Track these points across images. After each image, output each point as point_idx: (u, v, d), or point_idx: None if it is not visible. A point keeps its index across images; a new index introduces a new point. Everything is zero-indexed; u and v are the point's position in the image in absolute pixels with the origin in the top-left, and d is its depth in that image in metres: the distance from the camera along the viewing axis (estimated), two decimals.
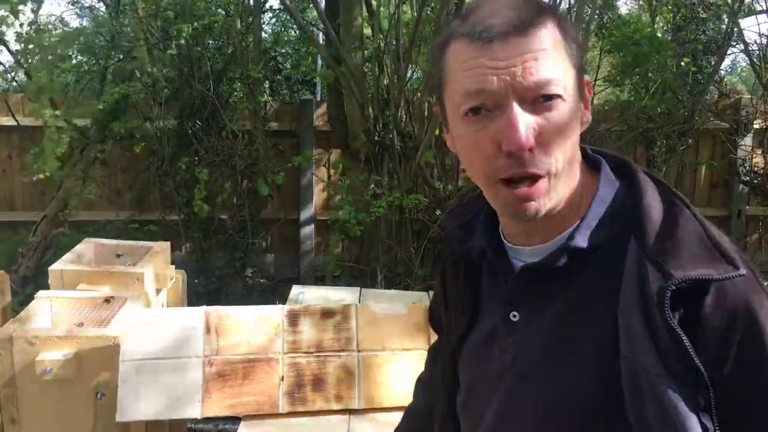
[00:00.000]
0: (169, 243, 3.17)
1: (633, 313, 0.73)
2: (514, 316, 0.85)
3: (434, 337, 1.21)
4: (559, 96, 0.75)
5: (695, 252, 0.73)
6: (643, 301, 0.72)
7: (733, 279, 0.70)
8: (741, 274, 0.70)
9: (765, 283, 0.76)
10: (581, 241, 0.80)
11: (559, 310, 0.81)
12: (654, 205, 0.78)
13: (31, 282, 4.43)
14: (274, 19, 6.21)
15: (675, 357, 0.69)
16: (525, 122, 0.73)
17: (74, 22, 5.74)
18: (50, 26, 5.00)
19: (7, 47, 4.69)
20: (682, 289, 0.70)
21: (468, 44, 0.76)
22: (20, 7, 4.38)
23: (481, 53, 0.75)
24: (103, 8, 5.18)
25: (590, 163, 0.86)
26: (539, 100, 0.74)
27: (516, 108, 0.73)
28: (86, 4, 5.69)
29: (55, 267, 2.68)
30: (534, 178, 0.76)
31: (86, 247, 3.00)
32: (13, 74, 5.15)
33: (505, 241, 0.89)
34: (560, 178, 0.78)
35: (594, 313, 0.78)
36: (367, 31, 4.56)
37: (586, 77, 0.82)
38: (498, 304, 0.88)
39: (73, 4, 5.36)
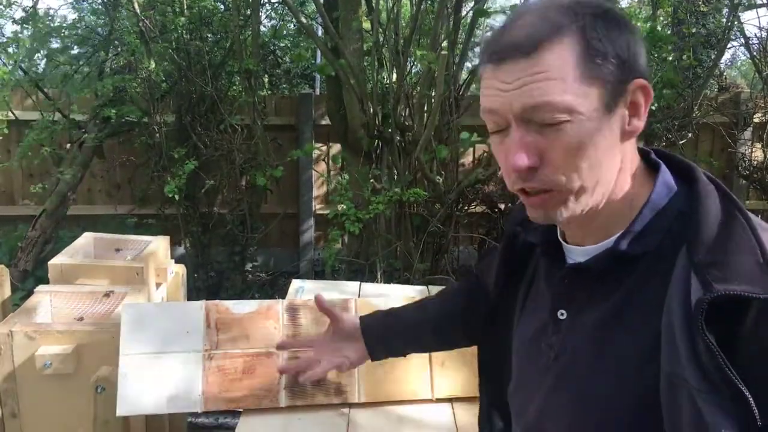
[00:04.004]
0: (168, 237, 3.18)
1: (676, 325, 0.72)
2: (562, 314, 0.87)
3: None
4: (560, 118, 0.74)
5: (743, 267, 0.71)
6: (686, 312, 0.71)
7: None
8: None
9: None
10: (625, 246, 0.80)
11: (604, 312, 0.82)
12: (711, 214, 0.77)
13: (31, 276, 4.44)
14: (272, 12, 6.18)
15: (713, 370, 0.68)
16: (524, 143, 0.76)
17: (72, 16, 5.71)
18: (47, 18, 4.96)
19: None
20: (723, 302, 0.68)
21: (486, 64, 0.79)
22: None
23: (493, 74, 0.78)
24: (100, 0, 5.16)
25: (650, 167, 0.86)
26: (543, 121, 0.75)
27: (515, 129, 0.76)
28: None
29: (55, 261, 2.68)
30: (546, 191, 0.78)
31: (86, 241, 3.00)
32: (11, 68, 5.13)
33: (561, 239, 0.90)
34: (585, 193, 0.78)
35: (637, 318, 0.78)
36: (366, 24, 4.55)
37: (640, 81, 0.78)
38: (547, 300, 0.91)
39: None
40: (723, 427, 0.67)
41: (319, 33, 5.18)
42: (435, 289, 2.72)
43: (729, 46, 5.39)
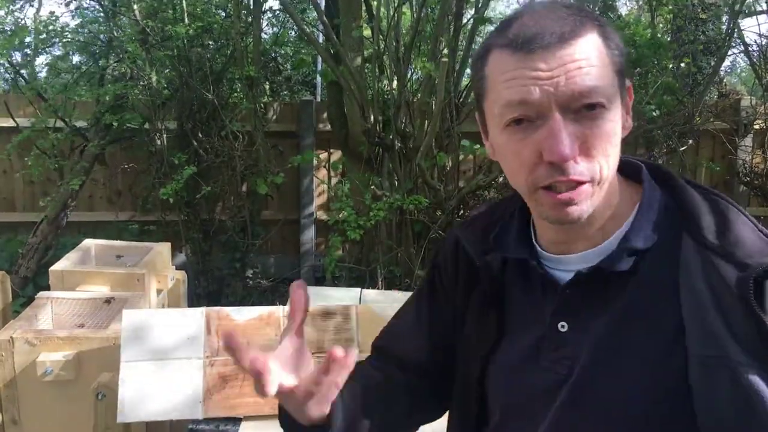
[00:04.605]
0: (169, 244, 3.18)
1: (705, 307, 0.74)
2: (563, 326, 0.84)
3: None
4: (602, 105, 0.75)
5: (756, 243, 0.76)
6: (714, 293, 0.74)
7: None
8: None
9: None
10: (638, 242, 0.80)
11: (616, 313, 0.80)
12: (701, 203, 0.81)
13: (32, 283, 4.44)
14: (274, 20, 6.21)
15: (757, 343, 0.70)
16: (568, 132, 0.73)
17: (73, 23, 5.72)
18: (47, 24, 4.97)
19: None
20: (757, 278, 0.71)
21: (509, 55, 0.76)
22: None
23: (523, 64, 0.74)
24: (99, 8, 5.18)
25: (630, 169, 0.87)
26: (582, 109, 0.74)
27: (559, 118, 0.73)
28: (85, 5, 5.66)
29: (56, 267, 2.68)
30: (577, 183, 0.76)
31: (87, 247, 3.00)
32: (13, 76, 5.15)
33: (542, 251, 0.88)
34: (603, 185, 0.78)
35: (652, 313, 0.78)
36: (367, 32, 4.57)
37: (628, 81, 0.81)
38: (538, 317, 0.86)
39: (67, 5, 5.31)
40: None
41: (320, 40, 5.19)
42: None
43: (729, 53, 5.40)
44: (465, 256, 0.96)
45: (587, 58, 0.74)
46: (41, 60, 5.49)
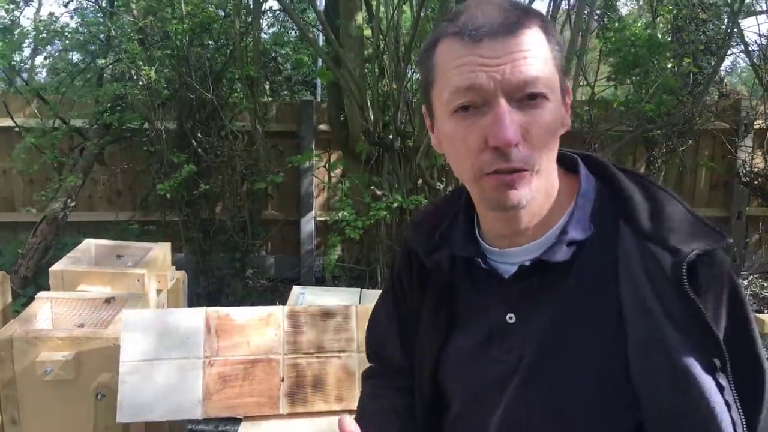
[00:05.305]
0: (169, 244, 3.17)
1: (643, 292, 0.77)
2: (510, 318, 0.86)
3: None
4: (543, 96, 0.77)
5: (688, 228, 0.80)
6: (651, 278, 0.77)
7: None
8: (730, 241, 0.79)
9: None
10: (576, 233, 0.83)
11: (558, 304, 0.83)
12: (634, 191, 0.84)
13: (32, 283, 4.44)
14: (274, 20, 6.20)
15: (691, 326, 0.74)
16: (512, 119, 0.76)
17: (73, 23, 5.71)
18: (47, 24, 4.97)
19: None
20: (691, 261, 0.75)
21: (458, 43, 0.79)
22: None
23: (471, 51, 0.77)
24: (97, 8, 5.17)
25: (567, 162, 0.90)
26: (525, 99, 0.77)
27: (504, 105, 0.76)
28: (84, 4, 5.65)
29: (56, 268, 2.68)
30: (518, 171, 0.78)
31: (87, 247, 3.00)
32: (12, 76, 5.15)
33: (488, 246, 0.90)
34: (542, 175, 0.81)
35: (593, 302, 0.81)
36: (367, 32, 4.56)
37: (567, 83, 0.84)
38: (485, 310, 0.89)
39: (66, 5, 5.30)
40: (702, 376, 0.73)
41: (320, 40, 5.19)
42: None
43: (729, 52, 5.40)
44: (416, 257, 0.99)
45: (532, 49, 0.77)
46: (40, 60, 5.48)
